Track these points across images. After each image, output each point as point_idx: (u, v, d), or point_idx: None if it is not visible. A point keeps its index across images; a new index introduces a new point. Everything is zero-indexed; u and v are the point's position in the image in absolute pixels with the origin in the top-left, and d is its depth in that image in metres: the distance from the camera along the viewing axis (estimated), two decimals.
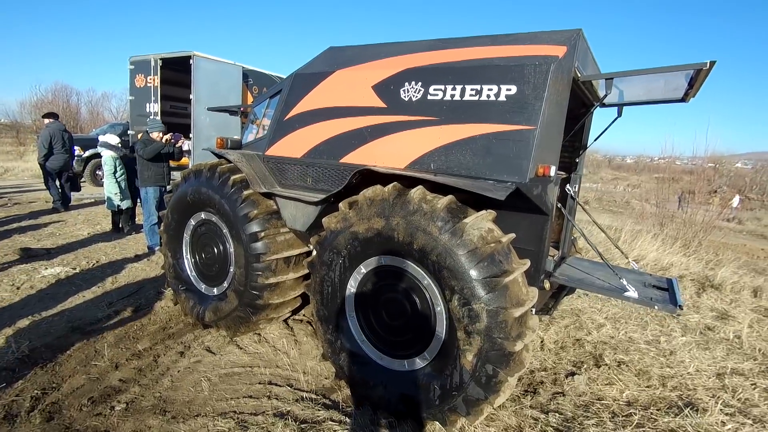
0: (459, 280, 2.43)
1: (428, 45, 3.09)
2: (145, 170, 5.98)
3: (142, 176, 6.03)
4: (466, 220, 2.45)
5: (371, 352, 2.96)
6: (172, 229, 4.10)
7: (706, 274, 7.04)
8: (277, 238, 3.54)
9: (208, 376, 3.23)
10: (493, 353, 2.40)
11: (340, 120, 3.22)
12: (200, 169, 3.83)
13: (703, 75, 2.60)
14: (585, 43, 2.87)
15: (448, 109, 2.75)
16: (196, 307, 3.94)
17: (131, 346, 3.64)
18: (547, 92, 2.46)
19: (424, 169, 2.81)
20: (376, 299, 2.91)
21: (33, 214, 8.26)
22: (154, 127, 6.03)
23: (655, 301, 2.84)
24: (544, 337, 4.32)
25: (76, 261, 5.74)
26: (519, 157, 2.50)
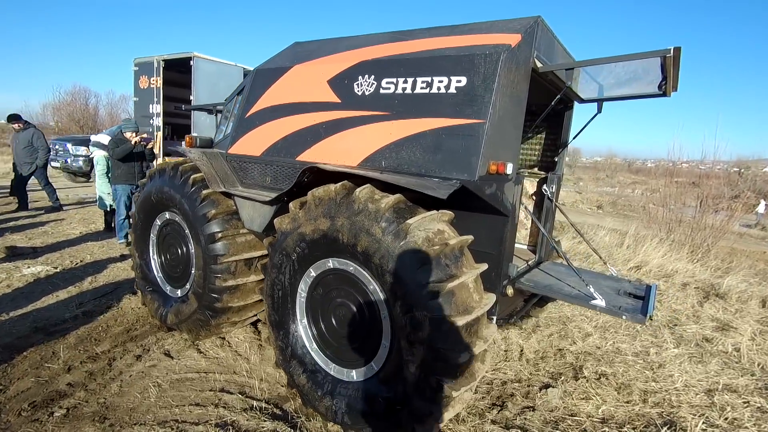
0: (401, 285, 2.26)
1: (388, 37, 2.93)
2: (116, 169, 6.03)
3: (114, 174, 6.09)
4: (410, 221, 2.27)
5: (321, 360, 2.81)
6: (139, 229, 4.03)
7: (712, 283, 6.68)
8: (237, 239, 3.42)
9: (159, 382, 3.12)
10: (437, 365, 2.22)
11: (298, 116, 3.09)
12: (164, 168, 3.74)
13: (673, 64, 2.38)
14: (548, 33, 2.68)
15: (400, 103, 2.59)
16: (160, 309, 3.85)
17: (90, 348, 3.56)
18: (498, 83, 2.27)
19: (376, 166, 2.66)
20: (326, 304, 2.76)
21: (32, 214, 8.35)
22: (128, 127, 6.04)
23: (623, 310, 2.62)
24: (524, 346, 4.10)
25: (60, 260, 5.73)
26: (468, 153, 2.32)
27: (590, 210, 22.37)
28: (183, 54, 9.70)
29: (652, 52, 2.20)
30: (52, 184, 8.79)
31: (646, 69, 2.65)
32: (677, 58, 2.30)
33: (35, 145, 8.32)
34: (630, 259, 7.63)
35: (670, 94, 3.09)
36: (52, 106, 34.31)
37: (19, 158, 8.22)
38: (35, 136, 8.38)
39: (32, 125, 8.52)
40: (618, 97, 3.36)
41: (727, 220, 8.24)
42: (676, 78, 2.72)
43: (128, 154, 5.95)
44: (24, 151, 8.17)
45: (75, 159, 14.18)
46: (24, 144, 8.19)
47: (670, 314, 5.28)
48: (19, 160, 8.23)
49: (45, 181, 8.52)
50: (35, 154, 8.30)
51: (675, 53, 2.19)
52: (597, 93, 3.43)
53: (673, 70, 2.48)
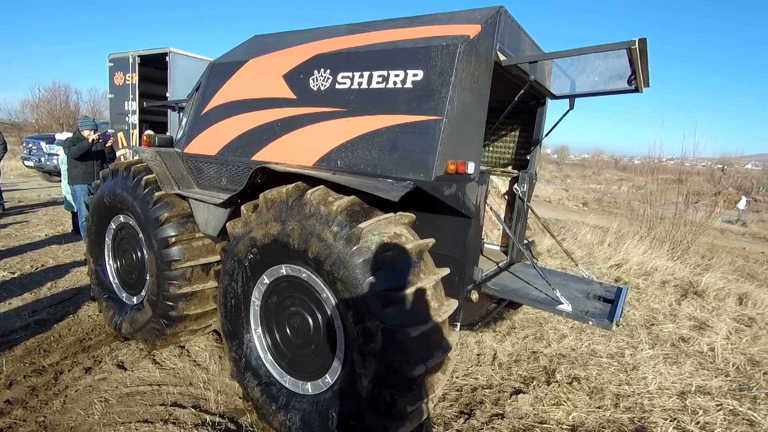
0: (353, 293, 2.11)
1: (345, 29, 2.78)
2: (73, 168, 5.79)
3: (70, 174, 5.84)
4: (363, 225, 2.13)
5: (276, 372, 2.65)
6: (94, 233, 3.82)
7: (691, 280, 6.66)
8: (192, 244, 3.24)
9: (107, 397, 2.93)
10: (390, 378, 2.08)
11: (253, 113, 2.92)
12: (117, 169, 3.54)
13: (641, 58, 2.26)
14: (513, 24, 2.54)
15: (356, 99, 2.43)
16: (115, 317, 3.65)
17: (38, 360, 3.35)
18: (456, 77, 2.13)
19: (332, 166, 2.50)
20: (280, 313, 2.60)
21: None
22: (85, 125, 5.80)
23: (590, 315, 2.51)
24: (497, 350, 3.99)
25: (20, 264, 5.47)
26: (424, 152, 2.18)
27: (576, 207, 22.50)
28: (159, 50, 9.41)
29: (617, 44, 2.08)
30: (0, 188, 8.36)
31: (616, 64, 2.54)
32: (644, 51, 2.18)
33: None
34: (611, 257, 7.59)
35: (641, 90, 2.98)
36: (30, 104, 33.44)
37: None
38: None
39: None
40: (589, 93, 3.25)
41: (707, 216, 8.24)
42: (646, 73, 2.62)
43: (86, 153, 5.72)
44: None
45: (49, 158, 13.73)
46: None
47: (648, 313, 5.23)
48: None
49: None
50: None
51: (640, 45, 2.07)
52: (569, 89, 3.31)
53: (642, 64, 2.37)
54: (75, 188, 5.91)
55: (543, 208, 19.69)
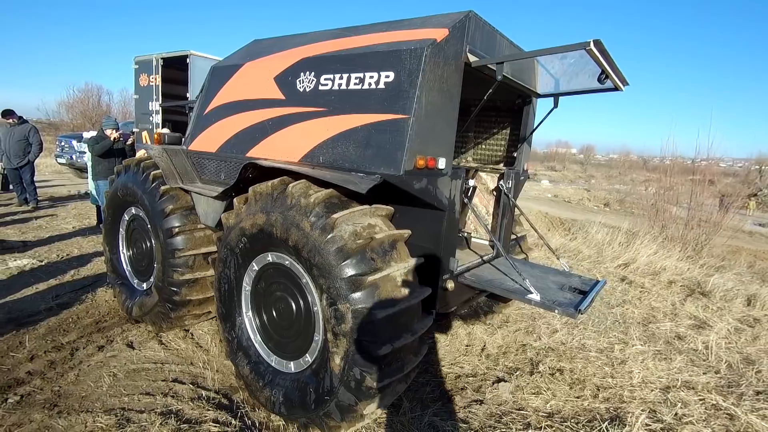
0: (326, 278, 2.30)
1: (332, 34, 2.96)
2: (97, 165, 6.20)
3: (94, 170, 6.25)
4: (336, 215, 2.31)
5: (264, 352, 2.86)
6: (109, 224, 4.13)
7: (699, 280, 6.57)
8: (195, 234, 3.49)
9: (115, 372, 3.21)
10: (359, 357, 2.25)
11: (248, 113, 3.14)
12: (129, 165, 3.83)
13: (604, 57, 2.35)
14: (486, 26, 2.67)
15: (336, 99, 2.61)
16: (127, 302, 3.95)
17: (57, 338, 3.68)
18: (423, 78, 2.28)
19: (315, 162, 2.69)
20: (267, 297, 2.81)
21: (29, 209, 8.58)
22: (108, 124, 6.19)
23: (557, 304, 2.62)
24: (487, 342, 4.11)
25: (48, 254, 5.90)
26: (394, 148, 2.34)
27: (596, 208, 22.08)
28: (180, 52, 9.84)
29: (575, 45, 2.18)
30: (35, 183, 8.90)
31: (592, 64, 2.63)
32: (603, 51, 2.27)
33: (30, 140, 8.54)
34: (618, 256, 7.54)
35: (621, 89, 3.05)
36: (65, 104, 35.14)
37: (11, 151, 8.41)
38: (31, 132, 8.60)
39: (27, 121, 8.74)
40: (573, 92, 3.33)
41: (722, 216, 8.06)
42: (618, 71, 2.69)
43: (108, 151, 6.11)
44: (18, 145, 8.38)
45: (80, 155, 14.47)
46: (19, 137, 8.40)
47: (648, 312, 5.22)
48: (11, 153, 8.42)
49: (31, 178, 8.70)
50: (29, 148, 8.51)
51: (597, 46, 2.17)
52: (553, 88, 3.40)
53: (607, 63, 2.45)
54: (98, 183, 6.34)
55: (561, 208, 19.46)
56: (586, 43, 2.13)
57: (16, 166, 8.53)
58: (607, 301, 5.48)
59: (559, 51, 2.28)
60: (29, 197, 8.79)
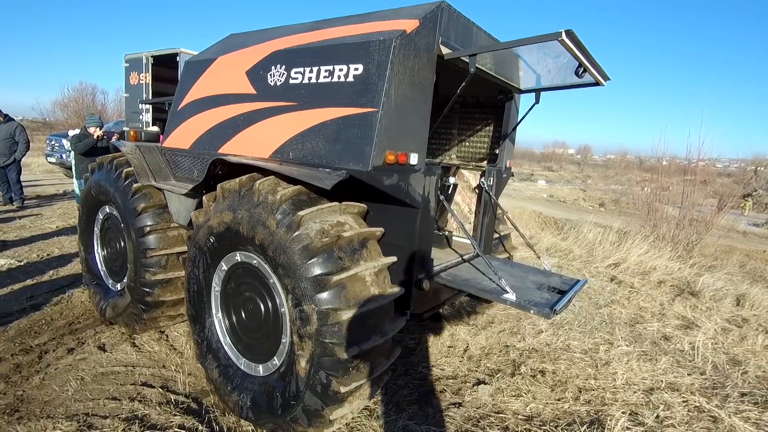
0: (291, 278, 2.21)
1: (305, 27, 2.88)
2: (80, 163, 6.08)
3: (77, 169, 6.13)
4: (302, 213, 2.22)
5: (233, 355, 2.77)
6: (84, 223, 4.04)
7: (689, 280, 6.51)
8: (168, 233, 3.40)
9: (83, 375, 3.12)
10: (325, 359, 2.17)
11: (220, 108, 3.05)
12: (103, 162, 3.74)
13: (579, 49, 2.28)
14: (460, 18, 2.59)
15: (306, 93, 2.53)
16: (101, 303, 3.85)
17: (27, 340, 3.58)
18: (391, 71, 2.20)
19: (285, 157, 2.61)
20: (237, 298, 2.73)
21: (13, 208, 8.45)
22: (91, 122, 6.09)
23: (532, 304, 2.54)
24: (470, 343, 4.03)
25: (28, 253, 5.78)
26: (362, 143, 2.26)
27: (591, 208, 22.03)
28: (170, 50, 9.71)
29: (547, 35, 2.11)
30: (21, 182, 8.78)
31: (569, 57, 2.56)
32: (577, 42, 2.20)
33: (17, 138, 8.41)
34: (609, 256, 7.48)
35: (603, 83, 2.99)
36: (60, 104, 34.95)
37: None
38: (17, 130, 8.47)
39: (13, 119, 8.62)
40: (554, 87, 3.26)
41: (713, 215, 8.02)
42: (596, 64, 2.62)
43: (92, 149, 6.01)
44: (3, 143, 8.25)
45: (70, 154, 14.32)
46: (5, 136, 8.27)
47: (635, 312, 5.16)
48: None
49: (17, 177, 8.57)
50: (15, 147, 8.39)
51: (569, 37, 2.09)
52: (535, 84, 3.33)
53: (583, 56, 2.38)
54: (81, 182, 6.23)
55: (556, 208, 19.41)
56: (558, 33, 2.06)
57: (2, 165, 8.40)
58: (595, 301, 5.41)
59: (532, 42, 2.21)
60: (14, 196, 8.66)
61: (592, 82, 2.98)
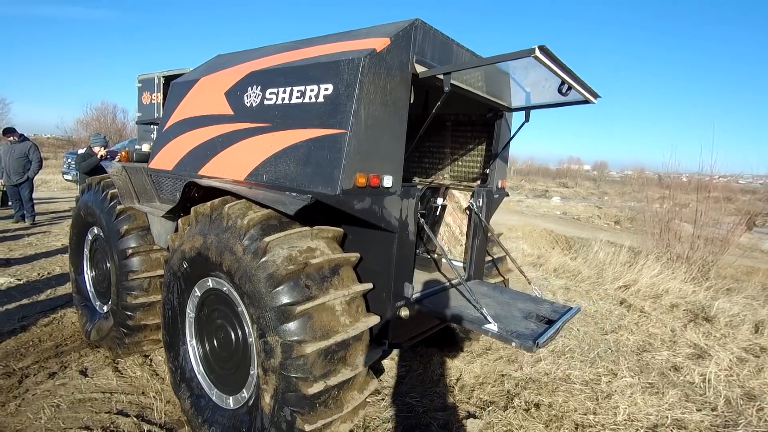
0: (256, 307, 2.12)
1: (284, 47, 2.84)
2: (83, 182, 6.16)
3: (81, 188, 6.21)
4: (269, 238, 2.14)
5: (206, 385, 2.67)
6: (74, 244, 4.03)
7: (703, 305, 6.19)
8: (151, 255, 3.35)
9: (59, 402, 3.04)
10: (289, 395, 2.05)
11: (201, 129, 3.02)
12: (92, 183, 3.74)
13: (555, 65, 2.17)
14: (438, 36, 2.51)
15: (279, 114, 2.47)
16: (87, 325, 3.81)
17: (11, 363, 3.53)
18: (360, 90, 2.13)
19: (258, 180, 2.54)
20: (209, 325, 2.64)
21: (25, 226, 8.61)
22: (96, 142, 6.17)
23: (515, 336, 2.38)
24: (464, 371, 3.85)
25: (29, 272, 5.83)
26: (331, 165, 2.18)
27: (606, 225, 21.52)
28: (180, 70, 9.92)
29: (521, 52, 2.01)
30: (33, 200, 8.97)
31: (540, 75, 2.46)
32: (553, 58, 2.09)
33: (30, 157, 8.63)
34: (619, 277, 7.19)
35: (593, 101, 2.87)
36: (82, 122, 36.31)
37: (10, 168, 8.51)
38: (31, 149, 8.70)
39: (28, 139, 8.87)
40: (544, 105, 3.15)
41: (729, 235, 7.68)
42: (581, 82, 2.51)
43: (96, 168, 6.08)
44: (17, 162, 8.48)
45: None
46: (19, 155, 8.50)
47: (644, 339, 4.89)
48: (11, 170, 8.51)
49: (29, 195, 8.77)
50: (28, 166, 8.61)
51: (543, 52, 1.99)
52: (524, 102, 3.23)
53: (563, 72, 2.27)
54: None
55: (569, 225, 19.00)
56: (531, 50, 1.96)
57: (16, 183, 8.62)
58: (601, 326, 5.16)
59: (507, 59, 2.11)
60: (26, 214, 8.85)
61: (582, 100, 2.87)
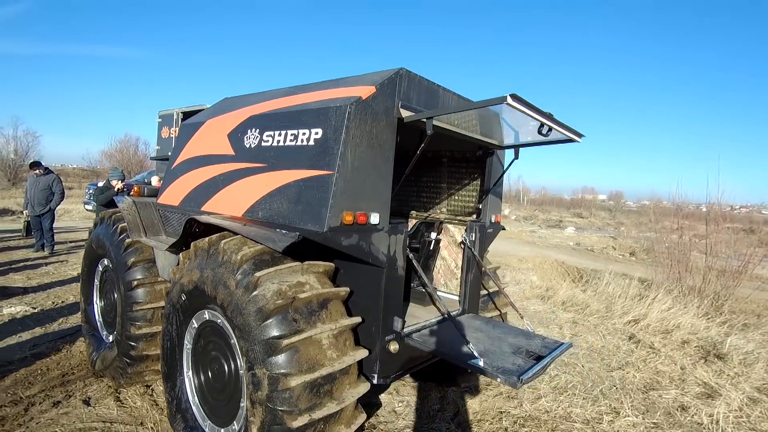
0: (245, 340, 2.20)
1: (282, 92, 3.04)
2: None
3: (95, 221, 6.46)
4: (260, 273, 2.24)
5: (200, 416, 2.73)
6: (85, 274, 4.20)
7: (716, 341, 6.01)
8: (155, 287, 3.49)
9: (61, 431, 3.12)
10: (275, 428, 2.10)
11: (205, 168, 3.20)
12: (104, 217, 3.94)
13: (529, 109, 2.28)
14: (422, 83, 2.68)
15: (275, 155, 2.64)
16: (93, 354, 3.92)
17: (19, 391, 3.65)
18: (346, 135, 2.27)
19: (255, 217, 2.67)
20: (205, 357, 2.72)
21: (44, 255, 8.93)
22: (114, 175, 6.47)
23: (500, 372, 2.40)
24: (461, 407, 3.81)
25: (44, 300, 6.03)
26: (319, 204, 2.30)
27: (621, 257, 21.11)
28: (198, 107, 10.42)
29: (495, 99, 2.13)
30: (53, 230, 9.34)
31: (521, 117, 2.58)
32: (525, 103, 2.21)
33: (53, 189, 9.07)
34: (628, 311, 7.05)
35: (578, 140, 2.97)
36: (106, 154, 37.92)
37: (35, 200, 8.94)
38: (55, 182, 9.15)
39: (52, 171, 9.33)
40: (532, 143, 3.26)
41: (743, 267, 7.50)
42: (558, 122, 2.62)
43: (112, 201, 6.35)
44: (42, 194, 8.91)
45: None
46: (43, 187, 8.95)
47: (651, 377, 4.77)
48: (34, 202, 8.94)
49: (50, 225, 9.14)
50: (51, 197, 9.02)
51: (515, 99, 2.11)
52: (514, 140, 3.34)
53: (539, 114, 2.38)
54: None
55: (582, 257, 18.70)
56: (504, 97, 2.08)
57: (38, 214, 9.03)
58: (607, 362, 5.06)
59: (482, 105, 2.24)
60: (46, 243, 9.19)
61: (566, 138, 2.97)
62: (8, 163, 30.87)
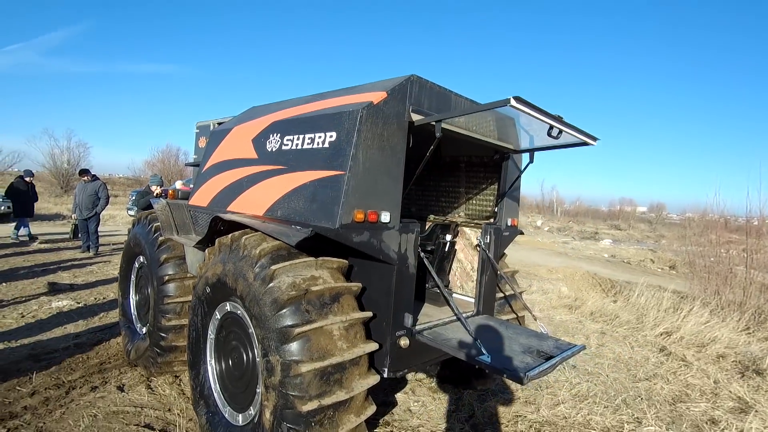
0: (261, 329, 2.35)
1: (302, 100, 3.22)
2: None
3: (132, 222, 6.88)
4: (275, 266, 2.39)
5: (221, 402, 2.89)
6: (123, 271, 4.51)
7: (756, 356, 5.69)
8: (185, 282, 3.72)
9: (96, 413, 3.37)
10: (287, 412, 2.22)
11: (231, 171, 3.41)
12: (140, 217, 4.24)
13: (535, 111, 2.33)
14: (433, 88, 2.77)
15: (294, 157, 2.80)
16: (128, 345, 4.20)
17: (62, 376, 3.95)
18: (358, 137, 2.40)
19: (274, 215, 2.84)
20: (226, 346, 2.89)
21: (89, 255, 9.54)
22: (153, 181, 6.88)
23: (507, 368, 2.43)
24: (476, 408, 3.81)
25: (88, 296, 6.47)
26: (332, 202, 2.43)
27: (660, 270, 20.21)
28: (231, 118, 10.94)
29: (499, 102, 2.21)
30: (98, 233, 10.00)
31: (528, 120, 2.63)
32: (529, 104, 2.26)
33: (99, 195, 9.72)
34: (660, 323, 6.79)
35: (592, 143, 2.98)
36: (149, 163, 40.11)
37: (82, 204, 9.61)
38: (101, 188, 9.81)
39: (99, 178, 10.01)
40: (547, 147, 3.28)
41: None
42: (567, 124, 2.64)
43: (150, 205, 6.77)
44: (88, 199, 9.57)
45: None
46: (90, 192, 9.61)
47: (681, 389, 4.59)
48: (82, 206, 9.61)
49: (95, 228, 9.77)
50: (97, 202, 9.67)
51: (518, 101, 2.17)
52: (528, 144, 3.38)
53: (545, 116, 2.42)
54: None
55: (618, 269, 18.06)
56: (507, 100, 2.16)
57: (85, 218, 9.70)
58: (633, 373, 4.91)
59: (486, 108, 2.32)
60: (91, 245, 9.83)
61: (579, 142, 2.99)
62: (62, 171, 33.09)
